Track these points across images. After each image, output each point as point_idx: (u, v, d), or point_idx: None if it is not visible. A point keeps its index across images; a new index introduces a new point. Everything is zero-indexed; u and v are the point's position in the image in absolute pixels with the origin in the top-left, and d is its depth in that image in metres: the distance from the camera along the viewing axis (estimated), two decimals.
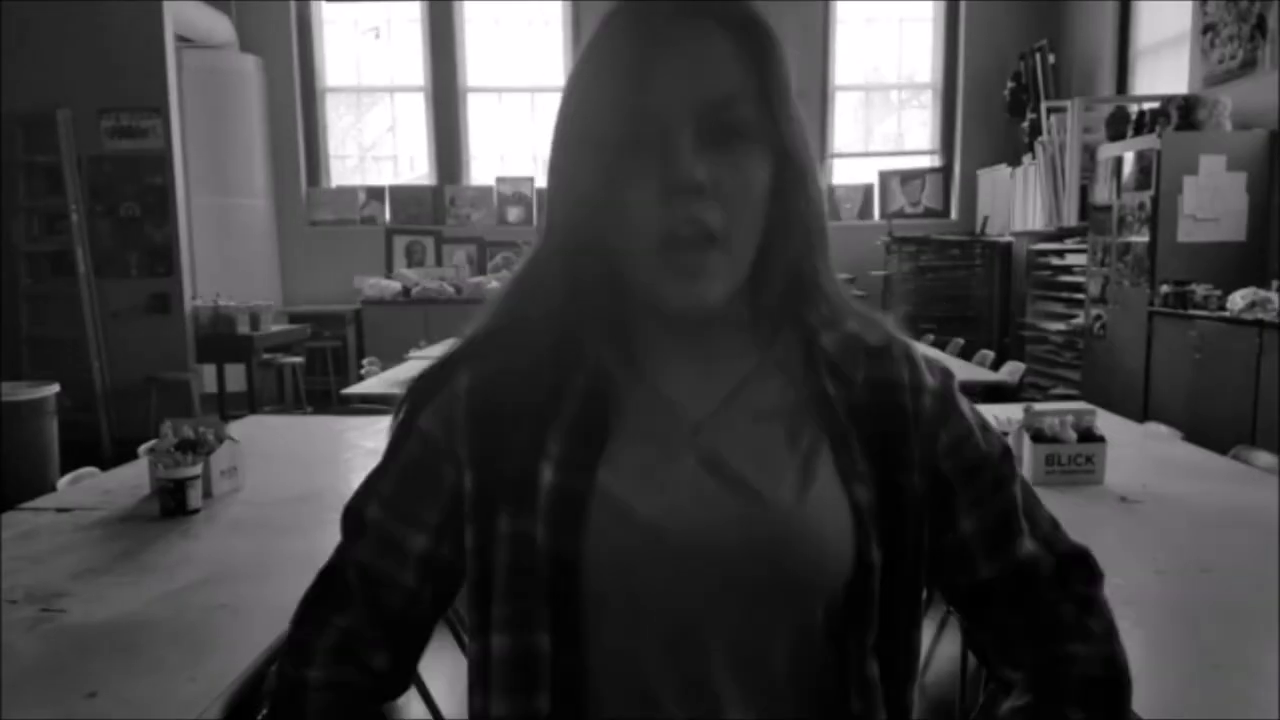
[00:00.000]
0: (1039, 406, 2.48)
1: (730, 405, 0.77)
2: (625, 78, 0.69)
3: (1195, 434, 3.00)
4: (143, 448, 2.74)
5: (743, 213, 0.71)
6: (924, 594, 0.82)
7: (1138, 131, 5.62)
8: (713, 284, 0.71)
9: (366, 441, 3.00)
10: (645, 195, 0.69)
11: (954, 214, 8.49)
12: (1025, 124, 7.34)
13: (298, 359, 7.25)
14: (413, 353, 5.61)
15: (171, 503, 2.16)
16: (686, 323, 0.75)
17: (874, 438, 0.77)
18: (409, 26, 8.49)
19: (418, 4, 8.40)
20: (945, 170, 8.56)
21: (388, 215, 8.53)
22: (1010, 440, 2.46)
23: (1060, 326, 6.51)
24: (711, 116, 0.69)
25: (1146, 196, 5.22)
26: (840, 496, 0.74)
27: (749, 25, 0.71)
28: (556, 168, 0.76)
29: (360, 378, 4.65)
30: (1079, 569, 0.89)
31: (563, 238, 0.76)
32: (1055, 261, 6.71)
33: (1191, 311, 4.81)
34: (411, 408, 0.85)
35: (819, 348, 0.79)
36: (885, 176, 8.60)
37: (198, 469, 2.20)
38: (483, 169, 8.69)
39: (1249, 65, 5.26)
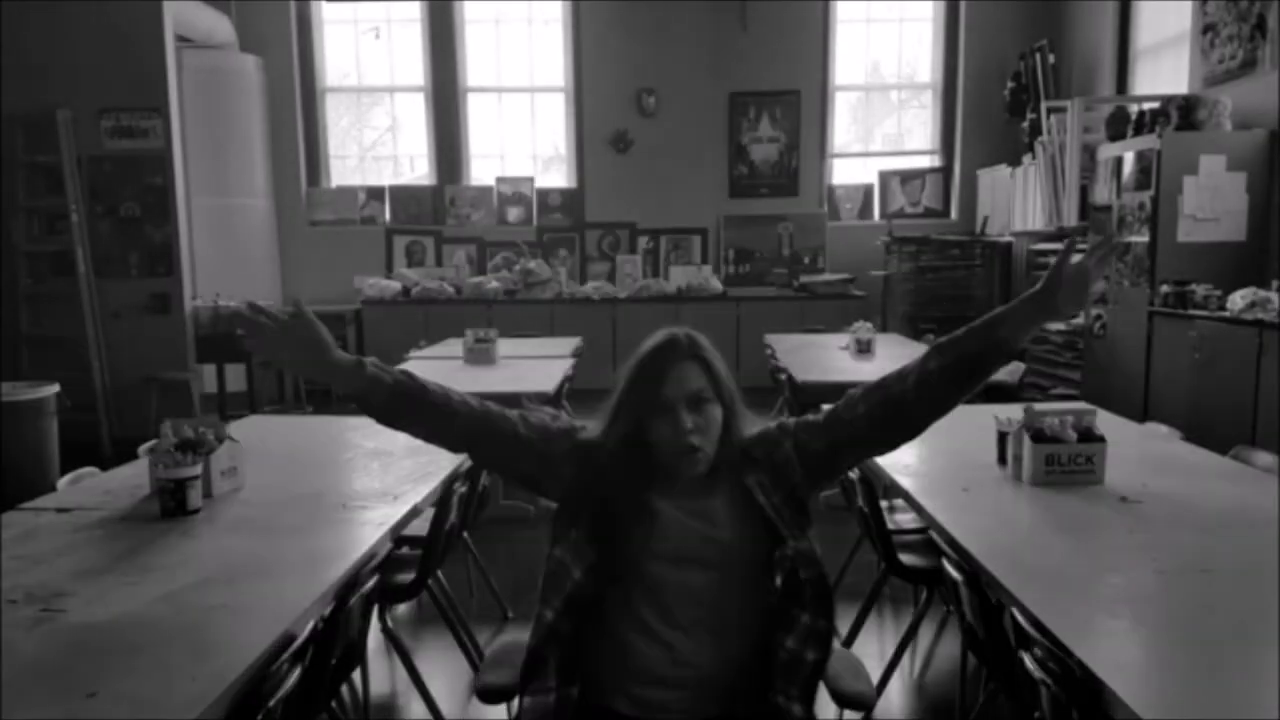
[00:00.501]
0: (1039, 406, 2.48)
1: (696, 504, 1.67)
2: (657, 384, 1.62)
3: (1195, 434, 3.01)
4: (143, 448, 2.74)
5: (711, 435, 1.63)
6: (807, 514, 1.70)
7: (1138, 131, 5.62)
8: (700, 465, 1.64)
9: (367, 442, 3.00)
10: (666, 437, 1.62)
11: (954, 214, 8.49)
12: (1025, 124, 7.34)
13: None
14: (413, 353, 5.61)
15: (172, 503, 2.16)
16: (684, 478, 1.67)
17: (771, 471, 1.68)
18: (409, 26, 8.49)
19: (418, 4, 8.40)
20: (945, 170, 8.56)
21: (388, 215, 8.53)
22: (1011, 440, 2.46)
23: (1060, 326, 6.50)
24: (694, 398, 1.62)
25: (1146, 196, 5.22)
26: (749, 510, 1.65)
27: (705, 359, 1.65)
28: (622, 409, 1.68)
29: None
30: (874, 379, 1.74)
31: (621, 432, 1.68)
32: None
33: (1191, 311, 4.81)
34: (566, 434, 1.73)
35: (736, 460, 1.69)
36: (885, 176, 8.61)
37: (198, 469, 2.20)
38: (483, 169, 8.70)
39: (1249, 65, 5.26)
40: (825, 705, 2.75)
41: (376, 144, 9.05)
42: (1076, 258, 1.67)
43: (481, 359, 5.02)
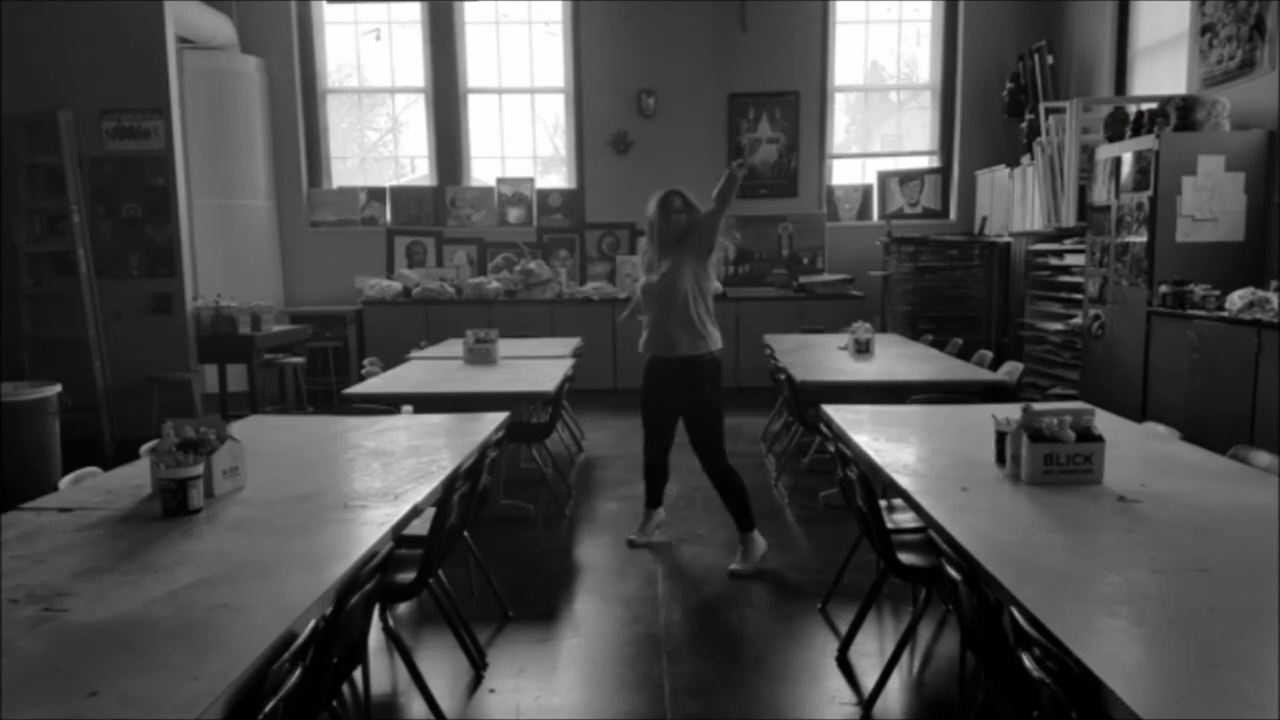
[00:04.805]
0: (1037, 406, 2.48)
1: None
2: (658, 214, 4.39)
3: (1193, 434, 3.01)
4: (144, 448, 2.75)
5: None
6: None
7: (1136, 132, 5.63)
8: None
9: (367, 441, 3.01)
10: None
11: (953, 214, 8.50)
12: (1024, 125, 7.34)
13: (299, 359, 7.26)
14: (413, 353, 5.62)
15: (173, 502, 2.17)
16: None
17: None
18: (409, 28, 8.50)
19: (418, 5, 8.41)
20: (944, 171, 8.57)
21: (388, 216, 8.54)
22: (1009, 440, 2.47)
23: (1059, 326, 6.51)
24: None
25: (1145, 197, 5.23)
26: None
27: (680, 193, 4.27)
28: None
29: (361, 378, 4.65)
30: None
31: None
32: (1054, 262, 6.72)
33: (1190, 311, 4.82)
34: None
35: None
36: (884, 177, 8.62)
37: (199, 469, 2.21)
38: (483, 170, 8.71)
39: (1247, 66, 5.27)
40: (827, 695, 2.76)
41: (377, 145, 9.06)
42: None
43: (482, 359, 5.03)
